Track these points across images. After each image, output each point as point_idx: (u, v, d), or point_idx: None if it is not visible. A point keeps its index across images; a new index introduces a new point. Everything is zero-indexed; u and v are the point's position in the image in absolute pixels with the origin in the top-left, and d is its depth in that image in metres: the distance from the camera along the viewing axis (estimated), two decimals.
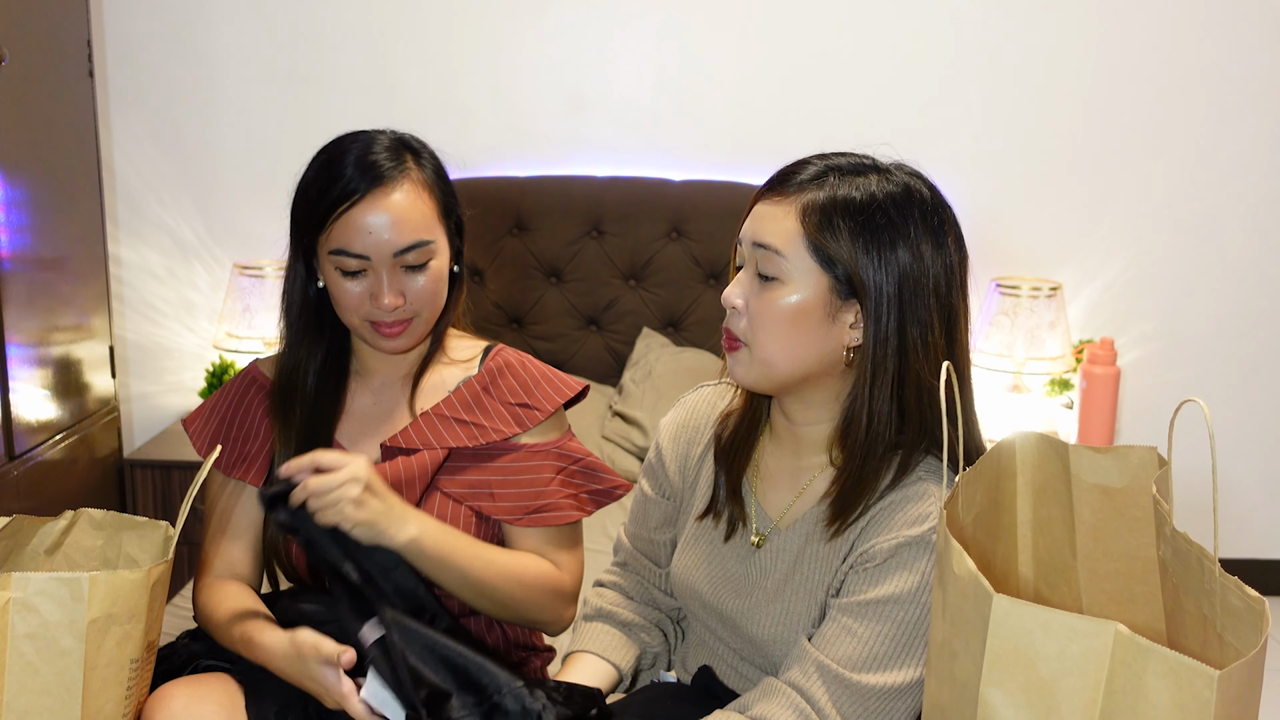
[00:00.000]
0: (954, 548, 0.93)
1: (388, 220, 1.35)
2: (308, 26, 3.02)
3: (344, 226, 1.35)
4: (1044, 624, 0.84)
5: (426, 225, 1.38)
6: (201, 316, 3.14)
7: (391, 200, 1.35)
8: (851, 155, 1.22)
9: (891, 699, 1.14)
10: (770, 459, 1.31)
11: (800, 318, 1.17)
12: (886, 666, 1.13)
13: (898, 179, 1.19)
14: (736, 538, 1.30)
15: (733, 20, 3.02)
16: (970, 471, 1.05)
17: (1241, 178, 3.04)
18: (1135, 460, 1.08)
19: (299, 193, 1.41)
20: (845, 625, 1.16)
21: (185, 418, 1.52)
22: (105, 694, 1.13)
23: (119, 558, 1.29)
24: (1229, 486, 3.13)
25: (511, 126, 3.06)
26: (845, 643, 1.15)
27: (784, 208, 1.18)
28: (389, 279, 1.36)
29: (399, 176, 1.37)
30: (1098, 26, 2.98)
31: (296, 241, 1.43)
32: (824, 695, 1.13)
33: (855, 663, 1.13)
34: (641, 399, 2.82)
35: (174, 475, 2.80)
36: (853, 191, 1.16)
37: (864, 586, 1.16)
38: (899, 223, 1.16)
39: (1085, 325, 3.11)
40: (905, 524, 1.17)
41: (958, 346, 1.20)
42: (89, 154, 2.70)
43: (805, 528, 1.25)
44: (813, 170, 1.19)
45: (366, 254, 1.35)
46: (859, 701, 1.13)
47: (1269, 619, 0.84)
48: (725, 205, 2.98)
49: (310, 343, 1.46)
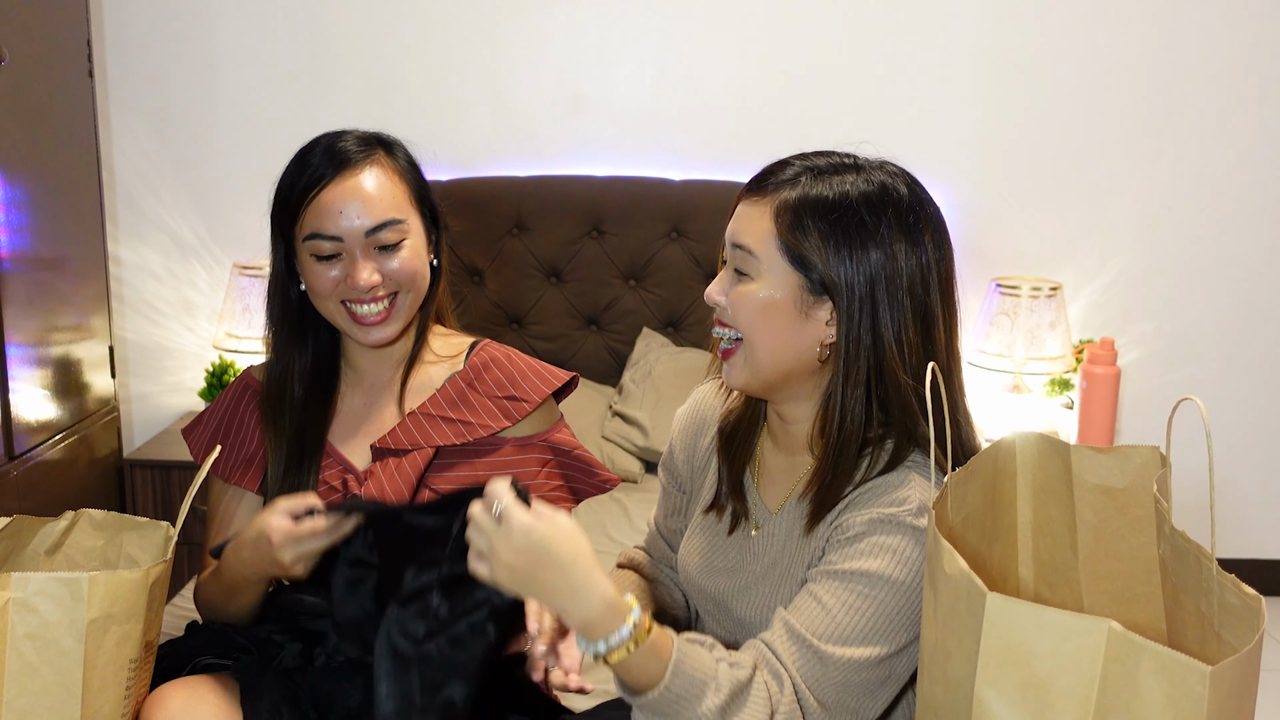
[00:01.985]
0: (944, 547, 0.93)
1: (356, 200, 1.37)
2: (308, 26, 3.02)
3: (315, 211, 1.37)
4: (1038, 622, 0.84)
5: (397, 205, 1.40)
6: (201, 316, 3.14)
7: (359, 180, 1.38)
8: (833, 155, 1.24)
9: (852, 670, 1.14)
10: (769, 456, 1.34)
11: (771, 311, 1.19)
12: (849, 640, 1.14)
13: (875, 178, 1.20)
14: (739, 531, 1.33)
15: (733, 21, 3.02)
16: (961, 471, 1.05)
17: (1241, 178, 3.04)
18: (1137, 460, 1.08)
19: (275, 191, 1.43)
20: (813, 593, 1.17)
21: (184, 428, 1.54)
22: (105, 694, 1.13)
23: (119, 558, 1.30)
24: (1229, 486, 3.13)
25: (511, 126, 3.06)
26: (812, 610, 1.16)
27: (760, 208, 1.21)
28: (363, 258, 1.38)
29: (366, 161, 1.40)
30: (1097, 27, 2.98)
31: (276, 241, 1.45)
32: (786, 652, 1.15)
33: (819, 631, 1.15)
34: (641, 399, 2.82)
35: (174, 475, 2.80)
36: (825, 191, 1.18)
37: (835, 559, 1.18)
38: (870, 223, 1.17)
39: (1085, 325, 3.11)
40: (883, 505, 1.18)
41: (935, 345, 1.20)
42: (89, 154, 2.70)
43: (791, 515, 1.28)
44: (790, 171, 1.22)
45: (339, 235, 1.37)
46: (819, 665, 1.14)
47: (1265, 616, 0.84)
48: (725, 205, 2.94)
49: (297, 347, 1.47)
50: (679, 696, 1.06)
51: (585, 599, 1.04)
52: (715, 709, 1.07)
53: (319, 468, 1.45)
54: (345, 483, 1.45)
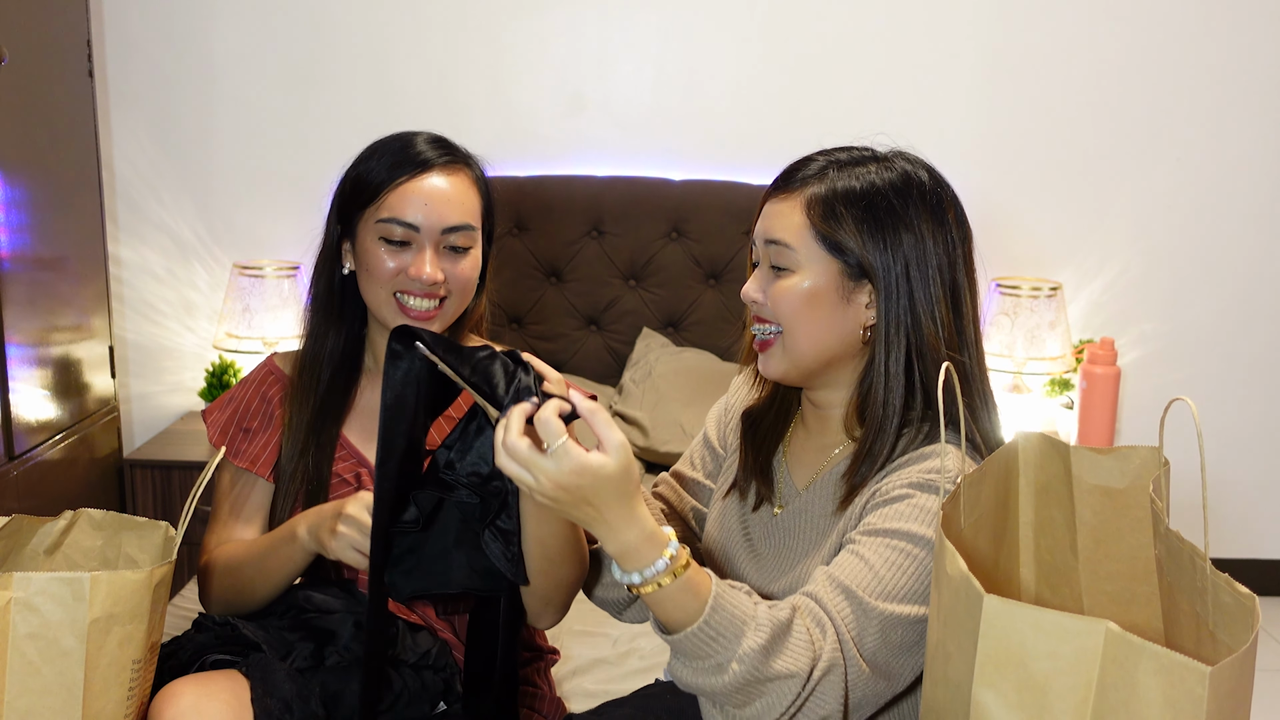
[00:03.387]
0: (947, 548, 0.93)
1: (448, 194, 1.39)
2: (308, 26, 3.02)
3: (402, 194, 1.38)
4: (1035, 624, 0.84)
5: (474, 213, 1.43)
6: (201, 316, 3.14)
7: (456, 178, 1.41)
8: (851, 149, 1.29)
9: (892, 626, 1.14)
10: (799, 441, 1.37)
11: (815, 300, 1.23)
12: (892, 597, 1.14)
13: (896, 166, 1.26)
14: (764, 509, 1.35)
15: (733, 20, 3.02)
16: (975, 473, 1.06)
17: (1241, 178, 3.04)
18: (1137, 461, 1.09)
19: (354, 169, 1.44)
20: (856, 551, 1.18)
21: (204, 409, 1.54)
22: (107, 694, 1.13)
23: (119, 558, 1.30)
24: (1228, 486, 3.13)
25: (511, 126, 3.07)
26: (856, 566, 1.16)
27: (790, 203, 1.25)
28: (431, 254, 1.39)
29: (465, 162, 1.44)
30: (1098, 27, 2.99)
31: (336, 220, 1.45)
32: (832, 601, 1.14)
33: (864, 585, 1.15)
34: (641, 399, 2.82)
35: (174, 475, 2.81)
36: (853, 182, 1.24)
37: (876, 520, 1.19)
38: (899, 207, 1.23)
39: (1085, 325, 3.11)
40: (923, 470, 1.20)
41: (964, 320, 1.26)
42: (89, 154, 2.71)
43: (821, 492, 1.30)
44: (815, 166, 1.27)
45: (417, 225, 1.38)
46: (863, 617, 1.14)
47: (1259, 615, 0.84)
48: (725, 205, 2.98)
49: (332, 331, 1.48)
50: (717, 634, 1.05)
51: (623, 531, 1.04)
52: (756, 649, 1.05)
53: (332, 458, 1.46)
54: (359, 476, 1.46)
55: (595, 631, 1.98)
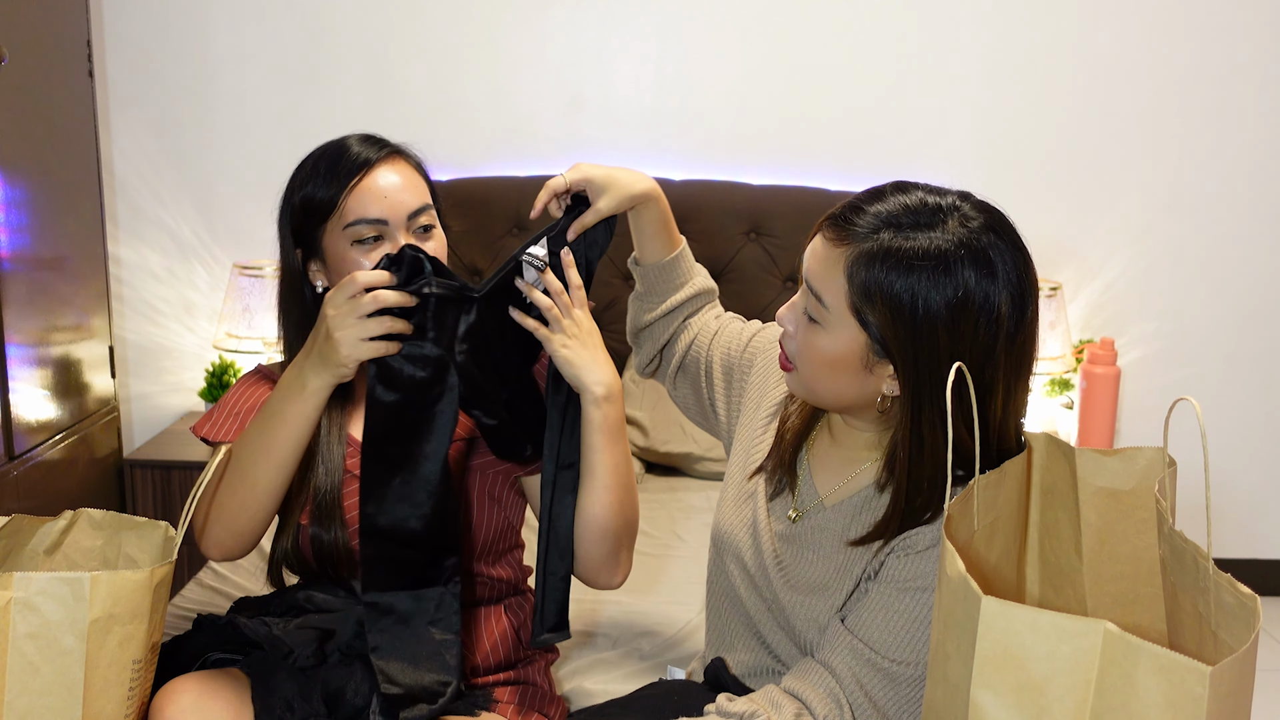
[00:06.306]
0: (948, 549, 0.93)
1: (400, 182, 1.41)
2: (308, 26, 3.02)
3: (359, 196, 1.39)
4: (1033, 625, 0.84)
5: (426, 194, 1.45)
6: (201, 316, 3.14)
7: (399, 167, 1.43)
8: (915, 196, 1.19)
9: (918, 685, 1.16)
10: (823, 446, 1.36)
11: (837, 364, 1.21)
12: (921, 659, 1.16)
13: (953, 237, 1.15)
14: (781, 499, 1.35)
15: (733, 20, 3.02)
16: (994, 474, 1.06)
17: (1241, 178, 3.04)
18: (1143, 462, 1.09)
19: (297, 192, 1.45)
20: (880, 604, 1.19)
21: (192, 426, 1.53)
22: (107, 694, 1.13)
23: (118, 558, 1.30)
24: (1231, 486, 3.13)
25: (511, 126, 3.06)
26: (878, 622, 1.17)
27: (836, 254, 1.18)
28: (406, 236, 1.40)
29: (399, 152, 1.45)
30: (1098, 27, 2.99)
31: (294, 245, 1.46)
32: (854, 675, 1.17)
33: (888, 645, 1.16)
34: (641, 399, 2.82)
35: (174, 475, 2.81)
36: (896, 268, 1.14)
37: (903, 572, 1.20)
38: (937, 311, 1.13)
39: (1085, 325, 3.11)
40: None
41: (990, 413, 1.17)
42: (89, 154, 2.71)
43: (846, 514, 1.29)
44: (869, 220, 1.17)
45: (384, 217, 1.39)
46: (889, 684, 1.16)
47: (1260, 615, 0.84)
48: (725, 205, 2.98)
49: None
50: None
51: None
52: None
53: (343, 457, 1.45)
54: None
55: (595, 631, 1.98)
